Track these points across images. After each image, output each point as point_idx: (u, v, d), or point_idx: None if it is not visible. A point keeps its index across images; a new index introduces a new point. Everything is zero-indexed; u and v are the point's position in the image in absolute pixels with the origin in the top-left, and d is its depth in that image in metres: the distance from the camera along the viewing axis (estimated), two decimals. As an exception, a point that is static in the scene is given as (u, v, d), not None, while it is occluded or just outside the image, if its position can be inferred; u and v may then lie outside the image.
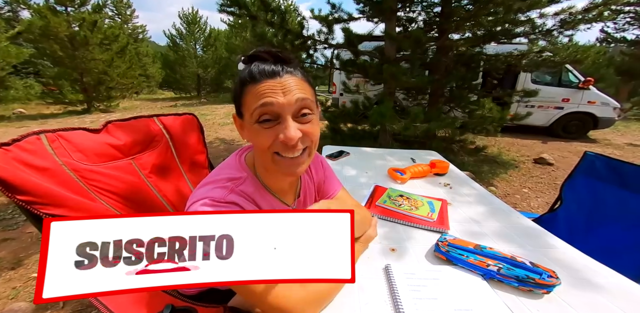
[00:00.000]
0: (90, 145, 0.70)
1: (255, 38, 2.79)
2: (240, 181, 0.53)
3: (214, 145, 4.16)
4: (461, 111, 3.42)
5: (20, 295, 1.40)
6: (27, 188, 0.53)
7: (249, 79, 0.46)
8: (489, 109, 3.28)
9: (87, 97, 7.25)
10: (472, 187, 1.15)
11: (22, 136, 0.58)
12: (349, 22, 2.72)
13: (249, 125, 0.48)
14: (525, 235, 0.81)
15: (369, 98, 2.93)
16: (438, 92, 3.27)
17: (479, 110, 3.25)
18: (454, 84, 3.25)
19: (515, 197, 2.57)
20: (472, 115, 3.31)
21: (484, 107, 3.26)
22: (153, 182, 0.84)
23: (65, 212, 0.60)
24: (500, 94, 3.90)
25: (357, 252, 0.66)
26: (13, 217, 2.05)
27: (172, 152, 0.90)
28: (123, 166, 0.76)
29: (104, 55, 7.19)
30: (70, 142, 0.66)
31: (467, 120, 3.21)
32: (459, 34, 3.13)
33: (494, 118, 3.09)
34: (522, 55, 3.41)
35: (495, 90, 4.79)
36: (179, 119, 0.92)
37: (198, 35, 11.86)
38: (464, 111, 3.41)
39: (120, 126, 0.80)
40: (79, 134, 0.69)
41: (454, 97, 3.25)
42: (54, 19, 6.23)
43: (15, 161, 0.55)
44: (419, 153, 1.53)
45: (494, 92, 3.98)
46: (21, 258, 1.65)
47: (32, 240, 1.81)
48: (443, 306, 0.54)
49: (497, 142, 4.70)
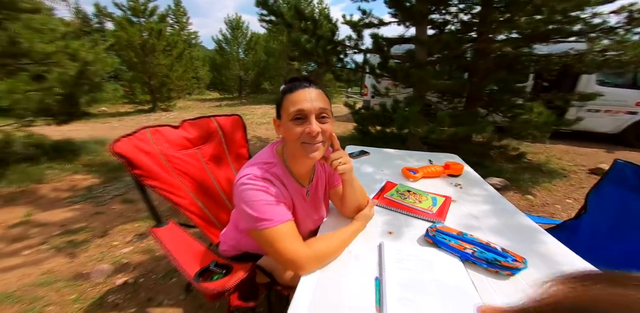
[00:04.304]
0: (173, 137, 0.99)
1: (290, 43, 3.05)
2: (272, 165, 0.75)
3: (252, 142, 4.56)
4: (502, 115, 3.27)
5: (105, 259, 1.70)
6: (139, 165, 0.82)
7: (287, 90, 0.70)
8: (537, 113, 3.09)
9: (152, 97, 8.42)
10: (483, 188, 1.22)
11: (136, 130, 0.88)
12: (379, 27, 2.81)
13: (285, 123, 0.70)
14: (518, 231, 0.89)
15: (398, 101, 2.98)
16: (476, 95, 3.18)
17: (525, 115, 3.07)
18: (493, 87, 3.13)
19: (554, 207, 2.42)
20: (516, 119, 3.14)
21: (531, 111, 3.08)
22: (210, 167, 1.11)
23: (157, 184, 0.89)
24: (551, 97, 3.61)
25: (357, 229, 0.82)
26: (102, 195, 2.57)
27: (223, 145, 1.16)
28: (192, 154, 1.04)
29: (166, 60, 8.27)
30: (162, 135, 0.95)
31: (509, 125, 3.07)
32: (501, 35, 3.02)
33: (539, 123, 2.90)
34: (580, 55, 3.13)
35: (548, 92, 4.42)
36: (229, 119, 1.18)
37: (240, 40, 12.88)
38: (506, 115, 3.25)
39: (191, 124, 1.09)
40: (167, 129, 0.98)
41: (493, 101, 3.13)
42: (131, 29, 7.40)
43: (134, 146, 0.84)
44: (439, 155, 1.60)
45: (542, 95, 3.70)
46: (107, 228, 2.01)
47: (116, 214, 2.22)
48: (419, 276, 0.67)
49: (547, 149, 4.34)
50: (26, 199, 2.45)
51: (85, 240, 1.87)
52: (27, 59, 2.82)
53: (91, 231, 1.98)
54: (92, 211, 2.27)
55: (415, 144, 2.89)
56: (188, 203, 1.01)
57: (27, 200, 2.43)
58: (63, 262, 1.66)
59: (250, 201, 0.66)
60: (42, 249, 1.78)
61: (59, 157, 3.30)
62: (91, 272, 1.56)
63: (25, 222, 2.09)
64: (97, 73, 3.17)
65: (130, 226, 2.05)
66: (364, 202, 0.88)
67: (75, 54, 3.00)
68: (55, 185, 2.73)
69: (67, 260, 1.68)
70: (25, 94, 2.59)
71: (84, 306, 1.34)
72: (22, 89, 2.54)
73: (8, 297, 1.37)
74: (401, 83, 2.77)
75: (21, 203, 2.38)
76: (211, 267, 0.80)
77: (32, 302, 1.35)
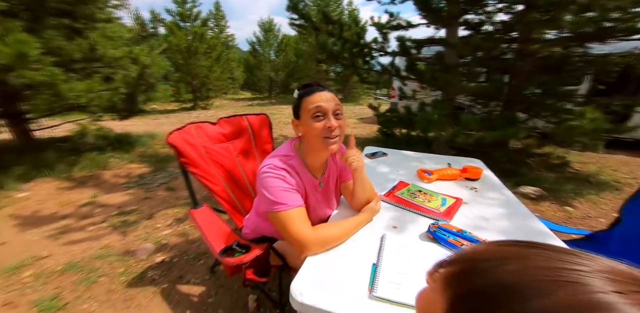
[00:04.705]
0: (211, 132, 1.16)
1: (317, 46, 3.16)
2: (290, 158, 0.86)
3: (278, 141, 4.75)
4: (545, 120, 3.04)
5: (149, 238, 1.92)
6: (185, 154, 1.00)
7: (305, 94, 0.82)
8: (590, 119, 2.82)
9: (194, 96, 9.21)
10: (501, 193, 1.21)
11: (184, 125, 1.06)
12: (407, 29, 2.80)
13: (305, 121, 0.81)
14: (526, 234, 0.89)
15: (424, 104, 2.92)
16: (515, 98, 3.00)
17: (575, 120, 2.81)
18: (535, 90, 2.92)
19: (598, 221, 2.21)
20: (560, 125, 2.90)
21: (582, 116, 2.82)
22: (239, 160, 1.26)
23: (197, 171, 1.07)
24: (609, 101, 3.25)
25: (362, 220, 0.90)
26: (151, 183, 2.93)
27: (251, 141, 1.31)
28: (225, 147, 1.20)
29: (206, 62, 9.02)
30: (203, 130, 1.13)
31: (552, 131, 2.84)
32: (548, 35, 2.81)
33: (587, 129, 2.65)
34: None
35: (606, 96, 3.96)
36: (257, 117, 1.33)
37: (272, 42, 13.46)
38: (550, 121, 3.01)
39: (226, 121, 1.25)
40: (206, 125, 1.16)
41: (534, 105, 2.93)
42: (179, 33, 8.18)
43: (182, 139, 1.02)
44: (460, 160, 1.59)
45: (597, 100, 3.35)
46: (153, 212, 2.27)
47: (160, 200, 2.52)
48: (413, 265, 0.73)
49: (601, 159, 3.90)
50: (93, 182, 2.90)
51: (135, 221, 2.16)
52: (100, 63, 3.32)
53: (140, 213, 2.29)
54: (142, 196, 2.62)
55: (441, 148, 2.81)
56: (220, 190, 1.17)
57: (94, 184, 2.87)
58: (117, 239, 1.93)
59: (269, 187, 0.78)
60: (102, 226, 2.10)
61: (119, 148, 3.82)
62: (137, 250, 1.80)
63: (91, 203, 2.47)
64: (152, 75, 3.63)
65: (171, 211, 2.33)
66: (372, 197, 0.96)
67: (136, 58, 3.47)
68: (116, 172, 3.18)
69: (120, 237, 1.95)
70: (98, 93, 3.07)
71: (128, 279, 1.55)
72: (96, 89, 3.02)
73: (73, 266, 1.64)
74: (428, 86, 2.72)
75: (89, 185, 2.82)
76: (234, 245, 0.94)
77: (90, 272, 1.60)
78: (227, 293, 1.44)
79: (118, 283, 1.52)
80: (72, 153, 3.45)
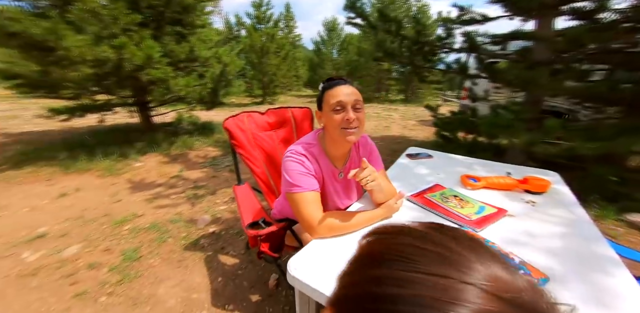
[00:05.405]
0: (259, 121, 1.32)
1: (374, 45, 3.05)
2: (312, 145, 0.92)
3: None
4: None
5: (209, 211, 2.23)
6: (236, 137, 1.17)
7: (328, 87, 0.86)
8: None
9: (263, 92, 10.17)
10: (569, 210, 0.99)
11: (237, 113, 1.24)
12: (483, 23, 2.43)
13: (327, 113, 0.86)
14: (581, 257, 0.72)
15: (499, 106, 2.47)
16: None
17: None
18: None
19: None
20: None
21: None
22: (280, 148, 1.38)
23: (244, 153, 1.24)
24: None
25: (377, 215, 0.88)
26: (219, 164, 3.40)
27: (293, 131, 1.41)
28: (269, 135, 1.34)
29: (275, 61, 9.80)
30: (253, 118, 1.29)
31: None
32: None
33: None
34: None
35: None
36: (301, 110, 1.41)
37: (335, 41, 13.63)
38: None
39: (273, 112, 1.39)
40: (256, 114, 1.33)
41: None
42: (254, 34, 9.11)
43: (235, 124, 1.20)
44: (527, 170, 1.34)
45: None
46: (216, 189, 2.65)
47: (224, 180, 2.93)
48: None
49: None
50: (182, 159, 3.55)
51: (202, 195, 2.56)
52: (196, 63, 3.99)
53: (207, 189, 2.70)
54: (211, 174, 3.07)
55: (517, 159, 2.36)
56: (260, 172, 1.31)
57: (182, 160, 3.51)
58: (187, 208, 2.33)
59: (288, 169, 0.85)
60: (181, 196, 2.56)
61: (203, 134, 4.57)
62: (198, 220, 2.11)
63: (178, 176, 3.03)
64: (231, 72, 4.19)
65: (229, 190, 2.67)
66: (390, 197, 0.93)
67: (220, 58, 4.04)
68: (197, 153, 3.81)
69: (189, 207, 2.35)
70: (193, 87, 3.72)
71: (186, 243, 1.85)
72: (192, 84, 3.67)
73: (154, 226, 2.04)
74: (506, 86, 2.32)
75: (179, 162, 3.47)
76: (259, 221, 1.05)
77: (163, 233, 1.93)
78: (254, 269, 1.60)
79: (179, 246, 1.83)
80: (172, 135, 4.30)
